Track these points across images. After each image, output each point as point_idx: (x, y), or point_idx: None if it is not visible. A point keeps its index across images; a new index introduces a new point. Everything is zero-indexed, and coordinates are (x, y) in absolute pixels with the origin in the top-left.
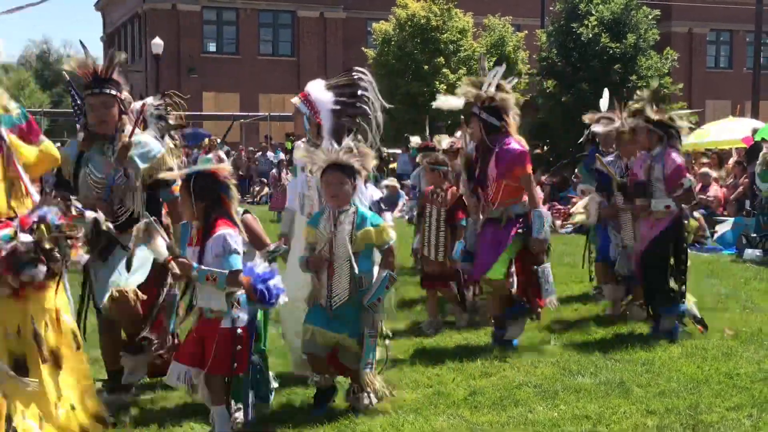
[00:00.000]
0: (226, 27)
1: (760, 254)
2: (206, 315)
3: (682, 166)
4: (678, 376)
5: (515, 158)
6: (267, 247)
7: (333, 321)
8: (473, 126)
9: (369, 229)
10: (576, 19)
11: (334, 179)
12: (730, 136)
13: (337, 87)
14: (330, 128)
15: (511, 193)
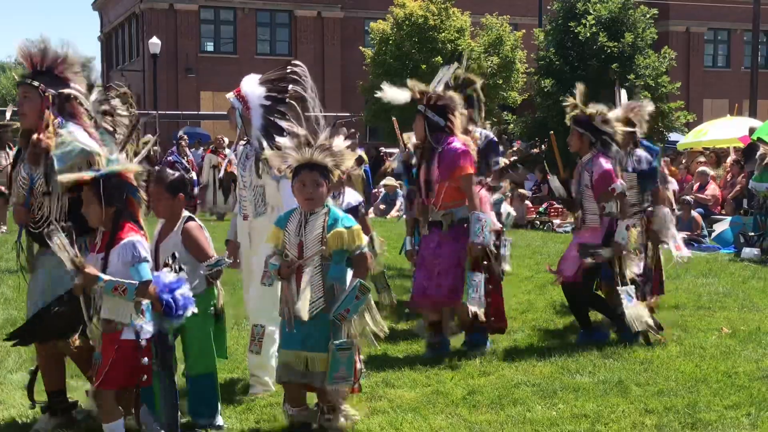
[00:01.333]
0: (224, 26)
1: (758, 253)
2: (106, 328)
3: (611, 171)
4: (676, 375)
5: (456, 158)
6: (209, 259)
7: (306, 338)
8: (417, 124)
9: (341, 230)
10: (573, 18)
11: (309, 180)
12: (727, 135)
13: (269, 81)
14: (260, 125)
15: (454, 195)
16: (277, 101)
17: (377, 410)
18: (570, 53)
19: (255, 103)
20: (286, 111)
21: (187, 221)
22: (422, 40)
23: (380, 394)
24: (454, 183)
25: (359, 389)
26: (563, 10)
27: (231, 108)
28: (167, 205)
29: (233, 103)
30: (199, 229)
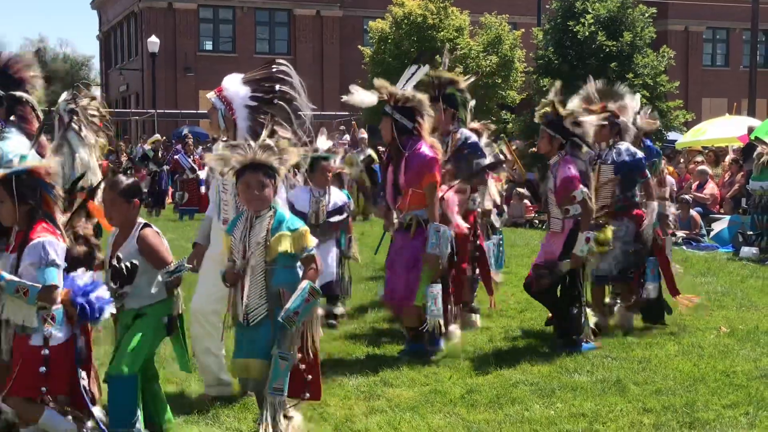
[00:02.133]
0: (223, 25)
1: (757, 252)
2: (17, 331)
3: (573, 177)
4: (674, 374)
5: (425, 165)
6: (167, 265)
7: (249, 345)
8: (384, 126)
9: (284, 233)
10: (572, 17)
11: (253, 181)
12: (726, 134)
13: (253, 81)
14: (246, 126)
15: (420, 199)
16: (263, 102)
17: (375, 409)
18: (569, 52)
19: (239, 104)
20: (273, 112)
21: (142, 228)
22: (421, 39)
23: (378, 394)
24: (420, 188)
25: (313, 397)
26: (562, 9)
27: (212, 108)
28: (122, 212)
29: (215, 104)
30: (155, 235)
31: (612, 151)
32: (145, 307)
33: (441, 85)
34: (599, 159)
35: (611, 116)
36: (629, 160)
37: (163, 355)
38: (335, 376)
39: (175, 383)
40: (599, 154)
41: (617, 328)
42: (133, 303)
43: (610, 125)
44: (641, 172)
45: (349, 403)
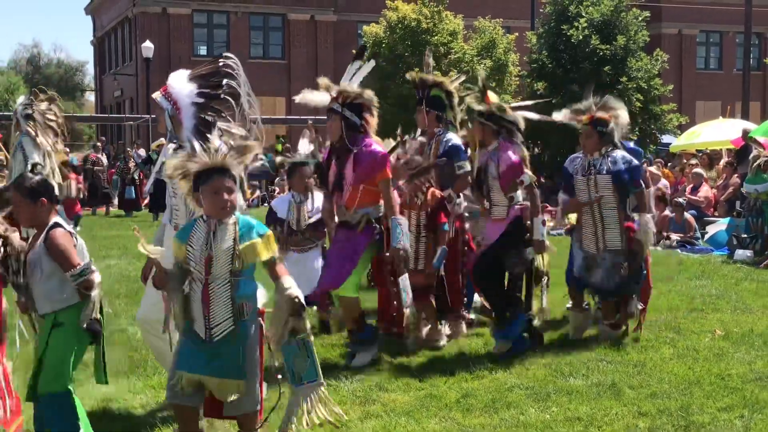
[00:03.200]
0: (217, 30)
1: (751, 255)
2: None
3: (518, 163)
4: (669, 377)
5: (377, 162)
6: (74, 268)
7: (213, 361)
8: (333, 123)
9: (256, 241)
10: (566, 21)
11: (222, 186)
12: (720, 137)
13: (199, 77)
14: (192, 125)
15: (369, 197)
16: (210, 98)
17: (371, 414)
18: (562, 56)
19: (185, 101)
20: (220, 108)
21: (51, 228)
22: (415, 43)
23: (374, 398)
24: (371, 186)
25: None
26: (556, 13)
27: (159, 108)
28: (29, 212)
29: (161, 103)
30: (64, 236)
31: (606, 159)
32: (59, 312)
33: (425, 87)
34: (594, 169)
35: (599, 124)
36: (625, 168)
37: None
38: (330, 381)
39: None
40: (593, 163)
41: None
42: (45, 306)
43: (599, 134)
44: (635, 182)
45: (344, 408)
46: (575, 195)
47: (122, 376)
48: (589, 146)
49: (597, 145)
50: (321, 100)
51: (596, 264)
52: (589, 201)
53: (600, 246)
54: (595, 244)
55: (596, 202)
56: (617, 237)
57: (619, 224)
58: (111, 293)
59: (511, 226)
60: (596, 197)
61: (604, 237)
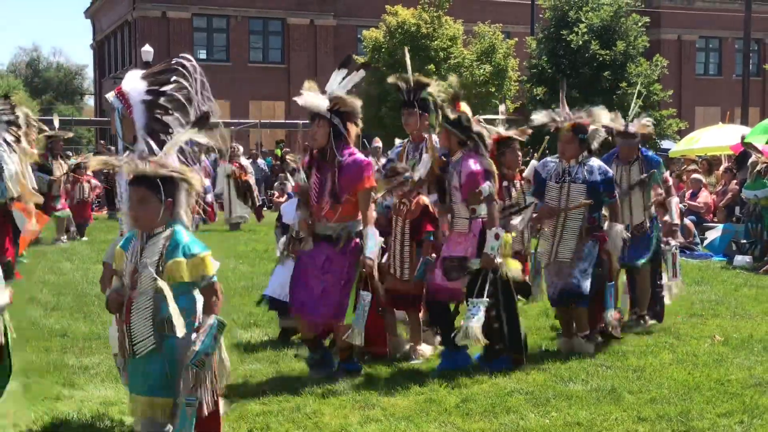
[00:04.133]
0: (217, 34)
1: (750, 261)
2: None
3: (479, 173)
4: (669, 382)
5: (363, 170)
6: None
7: (148, 380)
8: (319, 129)
9: (179, 260)
10: (566, 26)
11: (134, 196)
12: (719, 143)
13: (150, 75)
14: (144, 124)
15: (351, 209)
16: (158, 95)
17: (370, 418)
18: (562, 61)
19: (136, 99)
20: (169, 106)
21: None
22: (415, 48)
23: (373, 402)
24: (352, 196)
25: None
26: (555, 19)
27: (111, 109)
28: None
29: (112, 103)
30: None
31: (582, 168)
32: None
33: (416, 89)
34: (569, 176)
35: (580, 131)
36: (600, 180)
37: None
38: (330, 385)
39: None
40: (568, 170)
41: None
42: None
43: (579, 141)
44: (610, 193)
45: (344, 412)
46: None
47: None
48: (568, 152)
49: (576, 152)
50: (320, 104)
51: (560, 273)
52: (559, 208)
53: (552, 256)
54: (548, 256)
55: (571, 209)
56: (570, 250)
57: (578, 236)
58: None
59: (479, 243)
60: (572, 206)
61: (558, 247)
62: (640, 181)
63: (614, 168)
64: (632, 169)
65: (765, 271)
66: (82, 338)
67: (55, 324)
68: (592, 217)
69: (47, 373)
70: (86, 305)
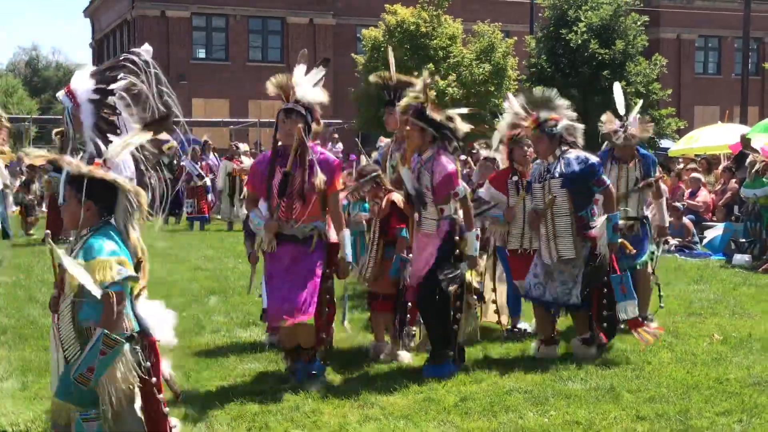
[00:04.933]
0: (216, 33)
1: (749, 259)
2: None
3: (453, 173)
4: (668, 381)
5: (333, 171)
6: None
7: (55, 377)
8: (292, 126)
9: (78, 263)
10: (565, 25)
11: (65, 196)
12: (718, 142)
13: (98, 72)
14: (92, 123)
15: (320, 208)
16: (106, 93)
17: (369, 417)
18: (561, 60)
19: (83, 98)
20: (116, 106)
21: None
22: (414, 47)
23: (372, 401)
24: (321, 196)
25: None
26: (554, 18)
27: (64, 108)
28: None
29: (63, 102)
30: None
31: (560, 162)
32: None
33: (396, 88)
34: (548, 174)
35: (545, 126)
36: (579, 171)
37: None
38: (329, 384)
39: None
40: (548, 168)
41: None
42: None
43: (548, 137)
44: (597, 179)
45: (343, 411)
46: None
47: None
48: (541, 151)
49: (549, 149)
50: (320, 97)
51: (552, 277)
52: (541, 210)
53: (553, 255)
54: (549, 255)
55: (548, 206)
56: (570, 246)
57: (572, 233)
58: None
59: (446, 243)
60: (549, 199)
61: (556, 246)
62: (647, 184)
63: (610, 167)
64: (630, 168)
65: (764, 270)
66: None
67: None
68: (579, 216)
69: (46, 371)
70: None
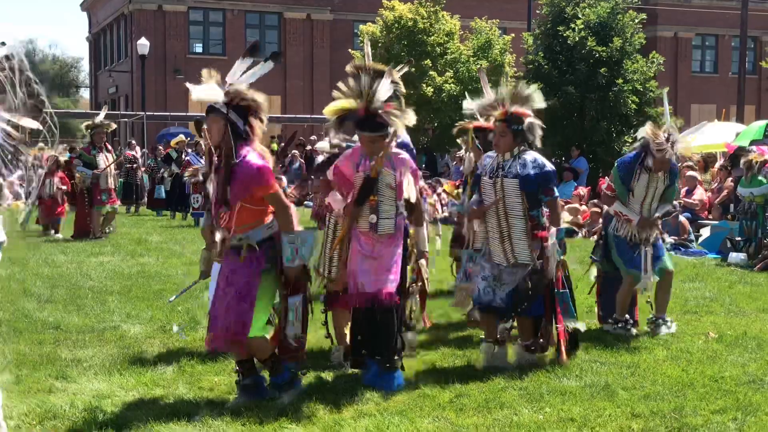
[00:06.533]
0: (213, 28)
1: (744, 258)
2: None
3: (416, 171)
4: (663, 379)
5: (254, 176)
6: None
7: None
8: (212, 125)
9: None
10: (562, 22)
11: None
12: (715, 141)
13: None
14: None
15: (250, 216)
16: None
17: (364, 413)
18: (559, 57)
19: None
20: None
21: None
22: (411, 43)
23: (367, 397)
24: (252, 204)
25: None
26: (552, 15)
27: None
28: None
29: None
30: None
31: (517, 161)
32: None
33: (373, 79)
34: (502, 171)
35: (513, 122)
36: (534, 174)
37: (151, 356)
38: (324, 380)
39: (162, 386)
40: (502, 165)
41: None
42: None
43: (513, 133)
44: (547, 188)
45: (337, 407)
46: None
47: (115, 373)
48: (501, 145)
49: (510, 145)
50: (215, 96)
51: (502, 280)
52: (489, 206)
53: (510, 259)
54: (505, 257)
55: (496, 203)
56: (526, 249)
57: (527, 236)
58: (104, 290)
59: (403, 242)
60: (497, 198)
61: (512, 249)
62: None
63: (640, 173)
64: (659, 177)
65: (759, 268)
66: (75, 331)
67: (49, 317)
68: (531, 216)
69: (40, 365)
70: (80, 298)
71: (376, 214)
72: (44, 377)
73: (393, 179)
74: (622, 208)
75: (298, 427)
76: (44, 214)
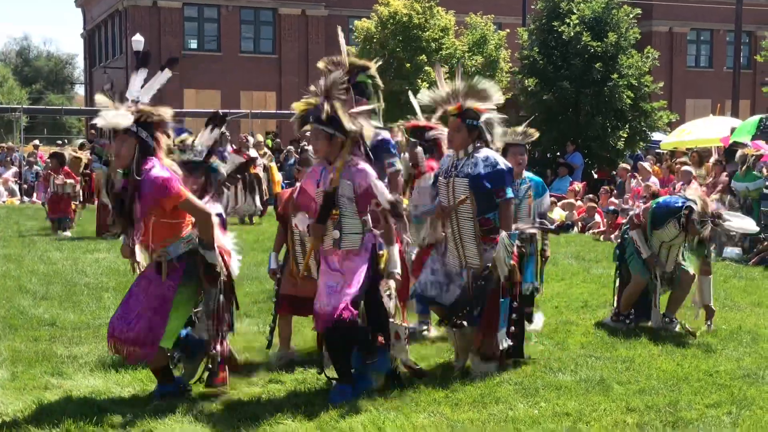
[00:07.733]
0: (208, 24)
1: (739, 252)
2: None
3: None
4: (658, 373)
5: (158, 189)
6: None
7: None
8: (126, 146)
9: None
10: (557, 17)
11: None
12: (710, 135)
13: None
14: None
15: (170, 229)
16: None
17: (359, 409)
18: (554, 52)
19: None
20: None
21: None
22: (406, 38)
23: (362, 393)
24: (167, 218)
25: None
26: (547, 10)
27: None
28: None
29: None
30: None
31: (469, 160)
32: None
33: (351, 72)
34: (455, 170)
35: (468, 117)
36: (485, 173)
37: None
38: (319, 376)
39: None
40: (456, 164)
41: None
42: None
43: (468, 129)
44: (499, 189)
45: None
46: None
47: (110, 369)
48: (455, 142)
49: (464, 142)
50: (124, 122)
51: (452, 280)
52: (448, 207)
53: (462, 263)
54: (459, 261)
55: (456, 206)
56: (475, 253)
57: (476, 239)
58: (99, 287)
59: (371, 259)
60: (456, 202)
61: (464, 253)
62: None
63: (670, 228)
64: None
65: (754, 262)
66: (71, 328)
67: (44, 313)
68: (484, 218)
69: (35, 362)
70: (75, 295)
71: (339, 229)
72: (40, 374)
73: (351, 190)
74: (640, 239)
75: (293, 422)
76: (51, 211)
